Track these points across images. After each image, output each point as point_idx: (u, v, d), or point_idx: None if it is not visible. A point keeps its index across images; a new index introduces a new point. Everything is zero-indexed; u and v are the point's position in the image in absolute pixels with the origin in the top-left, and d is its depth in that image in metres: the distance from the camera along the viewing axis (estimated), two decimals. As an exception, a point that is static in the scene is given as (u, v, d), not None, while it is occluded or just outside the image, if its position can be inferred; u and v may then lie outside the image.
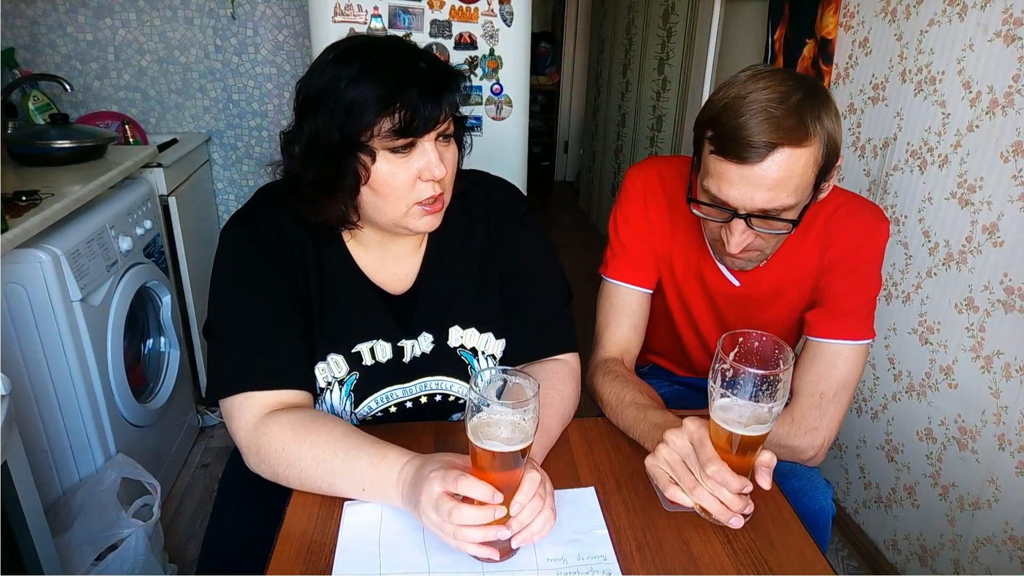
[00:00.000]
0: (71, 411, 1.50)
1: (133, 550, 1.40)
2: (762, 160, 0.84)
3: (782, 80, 0.86)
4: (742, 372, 0.72)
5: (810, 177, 0.88)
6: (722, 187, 0.88)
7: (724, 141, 0.86)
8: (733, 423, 0.74)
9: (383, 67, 0.81)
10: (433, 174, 0.84)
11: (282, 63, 2.52)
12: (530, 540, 0.72)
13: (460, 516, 0.69)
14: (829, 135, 0.87)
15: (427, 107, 0.80)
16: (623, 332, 1.12)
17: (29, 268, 1.37)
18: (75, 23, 2.36)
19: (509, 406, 0.68)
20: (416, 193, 0.85)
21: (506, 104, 2.10)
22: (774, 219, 0.89)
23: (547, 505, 0.73)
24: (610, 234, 1.15)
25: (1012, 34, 1.29)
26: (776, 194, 0.86)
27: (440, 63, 0.86)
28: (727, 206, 0.90)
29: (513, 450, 0.68)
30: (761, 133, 0.83)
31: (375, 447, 0.81)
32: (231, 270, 0.91)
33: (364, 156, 0.83)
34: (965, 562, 1.46)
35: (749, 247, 0.94)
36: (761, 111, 0.84)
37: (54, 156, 1.72)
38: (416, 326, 0.99)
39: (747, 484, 0.76)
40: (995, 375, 1.37)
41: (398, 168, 0.84)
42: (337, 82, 0.81)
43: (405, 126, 0.80)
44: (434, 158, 0.83)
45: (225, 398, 0.87)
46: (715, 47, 2.64)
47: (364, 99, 0.79)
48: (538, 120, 5.46)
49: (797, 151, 0.84)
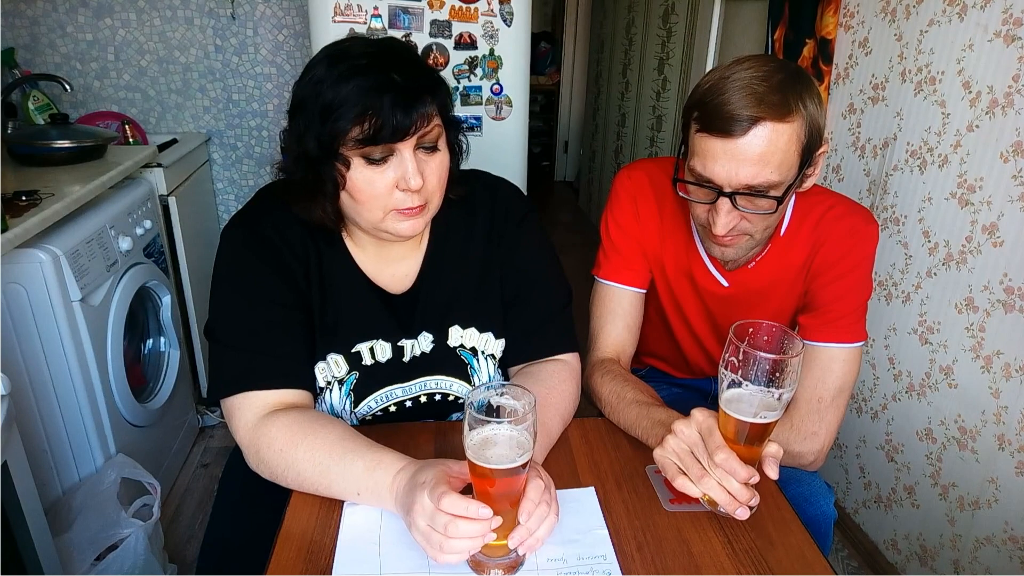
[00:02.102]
0: (71, 411, 1.50)
1: (133, 550, 1.40)
2: (745, 133, 0.85)
3: (765, 62, 0.89)
4: (752, 357, 0.73)
5: (794, 156, 0.88)
6: (707, 164, 0.89)
7: (709, 118, 0.87)
8: (742, 411, 0.75)
9: (357, 74, 0.81)
10: (408, 184, 0.83)
11: (282, 63, 2.52)
12: (536, 546, 0.72)
13: (456, 530, 0.67)
14: (812, 117, 0.88)
15: (397, 117, 0.80)
16: (617, 332, 1.13)
17: (29, 268, 1.37)
18: (75, 23, 2.36)
19: (507, 422, 0.68)
20: (394, 201, 0.85)
21: (506, 104, 2.10)
22: (759, 196, 0.89)
23: (552, 510, 0.72)
24: (601, 236, 1.16)
25: (1012, 34, 1.29)
26: (760, 169, 0.87)
27: (421, 72, 0.85)
28: (712, 184, 0.90)
29: (513, 466, 0.68)
30: (744, 107, 0.85)
31: (371, 452, 0.80)
32: (232, 271, 0.91)
33: (339, 163, 0.83)
34: (965, 562, 1.46)
35: (736, 230, 0.94)
36: (744, 87, 0.85)
37: (54, 156, 1.72)
38: (416, 326, 0.99)
39: (754, 474, 0.77)
40: (995, 375, 1.37)
41: (374, 175, 0.84)
42: (315, 86, 0.82)
43: (374, 135, 0.80)
44: (411, 168, 0.83)
45: (226, 398, 0.87)
46: (715, 47, 2.64)
47: (337, 106, 0.80)
48: (538, 120, 5.46)
49: (780, 126, 0.85)
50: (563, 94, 5.30)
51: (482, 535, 0.68)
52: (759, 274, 1.08)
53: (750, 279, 1.09)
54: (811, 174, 0.95)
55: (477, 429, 0.68)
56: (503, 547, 0.71)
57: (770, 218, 0.94)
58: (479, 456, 0.68)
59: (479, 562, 0.73)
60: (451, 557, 0.69)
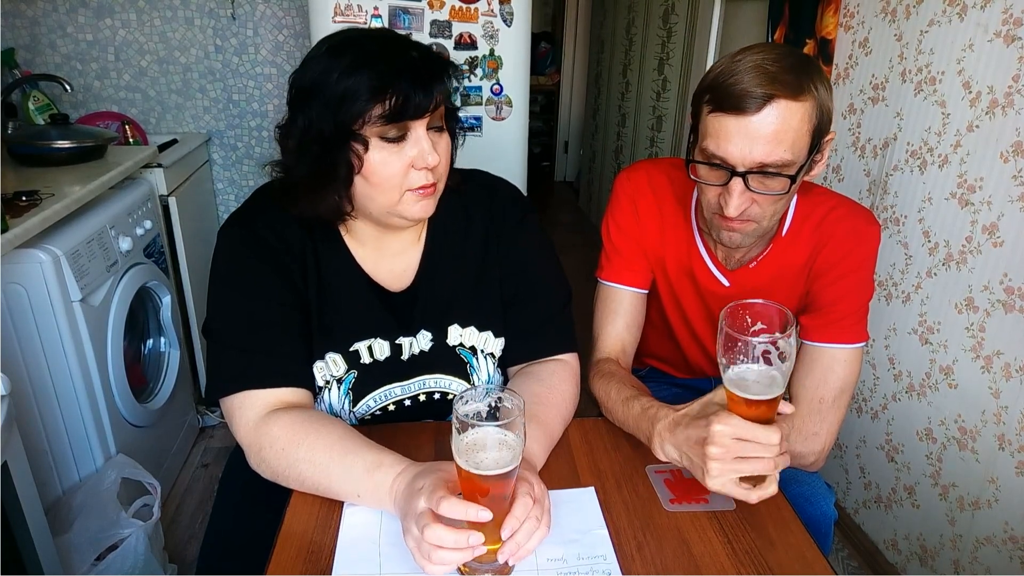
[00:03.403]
0: (71, 411, 1.50)
1: (133, 550, 1.40)
2: (759, 111, 0.85)
3: (774, 47, 0.91)
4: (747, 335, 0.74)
5: (805, 136, 0.88)
6: (720, 143, 0.89)
7: (722, 98, 0.88)
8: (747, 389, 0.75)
9: (375, 56, 0.82)
10: (426, 161, 0.84)
11: (282, 63, 2.52)
12: (525, 555, 0.72)
13: (432, 535, 0.67)
14: (823, 99, 0.89)
15: (418, 94, 0.81)
16: (617, 332, 1.13)
17: (29, 268, 1.37)
18: (75, 23, 2.36)
19: (495, 425, 0.68)
20: (409, 181, 0.86)
21: (506, 104, 2.10)
22: (772, 176, 0.89)
23: (543, 523, 0.71)
24: (603, 238, 1.17)
25: (1012, 34, 1.29)
26: (774, 147, 0.87)
27: (431, 53, 0.87)
28: (726, 163, 0.90)
29: (503, 471, 0.67)
30: (758, 85, 0.85)
31: (372, 453, 0.80)
32: (228, 271, 0.91)
33: (357, 145, 0.83)
34: (965, 562, 1.46)
35: (746, 215, 0.94)
36: (756, 67, 0.86)
37: (54, 156, 1.72)
38: (415, 324, 0.99)
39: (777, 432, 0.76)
40: (995, 375, 1.37)
41: (391, 156, 0.84)
42: (330, 73, 0.82)
43: (396, 112, 0.81)
44: (427, 146, 0.84)
45: (225, 398, 0.87)
46: (715, 47, 2.64)
47: (356, 88, 0.81)
48: (538, 120, 5.45)
49: (793, 104, 0.86)
50: (563, 94, 5.30)
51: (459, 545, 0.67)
52: (760, 273, 1.08)
53: (751, 278, 1.09)
54: (819, 160, 0.95)
55: (465, 433, 0.68)
56: (492, 553, 0.71)
57: (779, 203, 0.94)
58: (467, 461, 0.67)
59: (468, 567, 0.72)
60: (439, 568, 0.69)
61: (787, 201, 0.97)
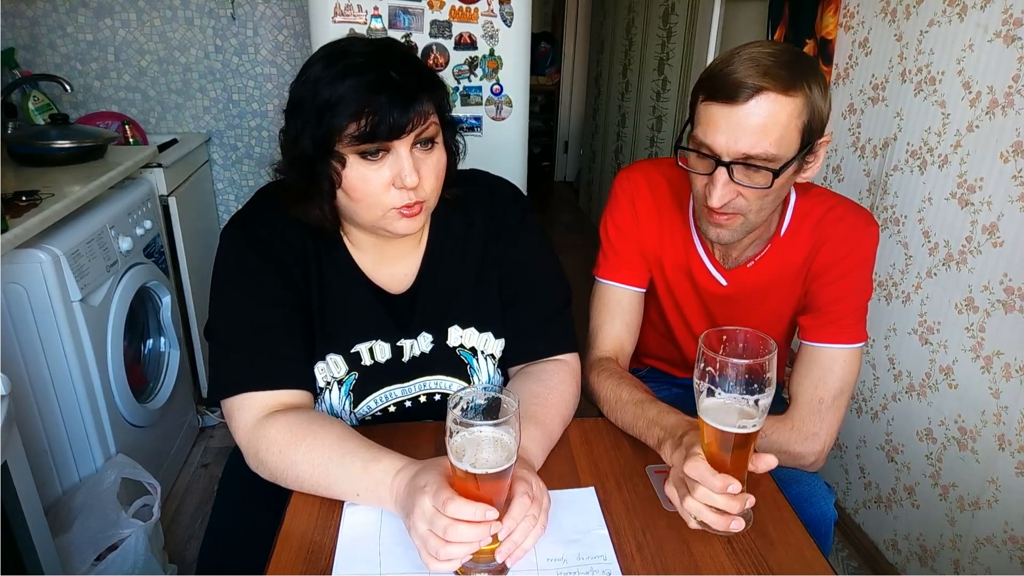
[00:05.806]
0: (71, 411, 1.50)
1: (133, 550, 1.40)
2: (747, 101, 0.86)
3: (774, 44, 0.92)
4: (727, 366, 0.72)
5: (794, 133, 0.89)
6: (708, 131, 0.90)
7: (715, 87, 0.89)
8: (721, 421, 0.74)
9: (354, 72, 0.81)
10: (404, 182, 0.83)
11: (282, 63, 2.52)
12: (521, 555, 0.72)
13: (455, 509, 0.67)
14: (815, 100, 0.89)
15: (394, 114, 0.80)
16: (616, 331, 1.13)
17: (29, 268, 1.37)
18: (75, 23, 2.36)
19: (489, 425, 0.68)
20: (390, 199, 0.85)
21: (506, 104, 2.10)
22: (755, 169, 0.89)
23: (540, 523, 0.72)
24: (601, 237, 1.17)
25: (1012, 34, 1.29)
26: (759, 139, 0.87)
27: (419, 71, 0.85)
28: (712, 152, 0.91)
29: (498, 470, 0.67)
30: (749, 76, 0.86)
31: (370, 452, 0.80)
32: (230, 272, 0.91)
33: (334, 161, 0.83)
34: (965, 562, 1.46)
35: (731, 207, 0.94)
36: (752, 59, 0.87)
37: (54, 156, 1.72)
38: (415, 326, 0.99)
39: (732, 482, 0.75)
40: (995, 375, 1.37)
41: (369, 173, 0.83)
42: (312, 85, 0.82)
43: (371, 131, 0.80)
44: (407, 166, 0.82)
45: (226, 399, 0.88)
46: (715, 47, 2.64)
47: (333, 104, 0.80)
48: (538, 120, 5.45)
49: (783, 99, 0.86)
50: (563, 94, 5.30)
51: (479, 540, 0.68)
52: (758, 273, 1.08)
53: (749, 278, 1.09)
54: (811, 162, 0.95)
55: (459, 433, 0.68)
56: (490, 553, 0.71)
57: (766, 199, 0.94)
58: (462, 460, 0.67)
59: (465, 568, 0.72)
60: (445, 565, 0.69)
61: (775, 198, 0.96)
